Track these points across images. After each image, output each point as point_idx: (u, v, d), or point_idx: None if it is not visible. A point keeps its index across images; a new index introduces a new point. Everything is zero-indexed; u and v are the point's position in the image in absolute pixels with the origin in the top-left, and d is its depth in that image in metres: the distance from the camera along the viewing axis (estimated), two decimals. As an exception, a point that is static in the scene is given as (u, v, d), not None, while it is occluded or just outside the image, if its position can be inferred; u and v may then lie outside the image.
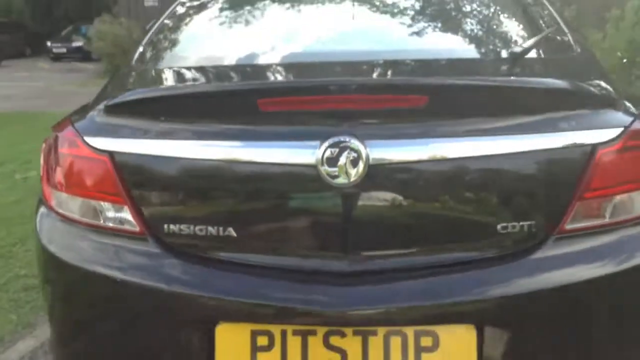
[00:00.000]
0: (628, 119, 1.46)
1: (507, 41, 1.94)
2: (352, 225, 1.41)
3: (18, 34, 27.04)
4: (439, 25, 2.07)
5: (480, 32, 2.02)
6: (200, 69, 1.81)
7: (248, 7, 2.22)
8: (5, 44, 24.57)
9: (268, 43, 1.94)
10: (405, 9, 2.17)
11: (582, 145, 1.41)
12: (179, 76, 1.83)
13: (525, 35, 1.97)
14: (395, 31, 1.99)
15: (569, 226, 1.42)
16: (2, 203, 4.93)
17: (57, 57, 24.71)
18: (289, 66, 1.80)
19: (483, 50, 1.90)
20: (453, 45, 1.90)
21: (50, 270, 1.64)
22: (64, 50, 24.85)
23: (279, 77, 1.76)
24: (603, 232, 1.45)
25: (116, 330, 1.54)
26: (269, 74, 1.77)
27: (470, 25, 2.07)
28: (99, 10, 21.35)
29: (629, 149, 1.43)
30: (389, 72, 1.69)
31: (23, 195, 5.15)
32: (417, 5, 2.21)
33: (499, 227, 1.40)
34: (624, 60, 9.49)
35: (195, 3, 2.31)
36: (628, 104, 1.53)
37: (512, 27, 2.09)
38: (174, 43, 2.10)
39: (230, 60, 1.85)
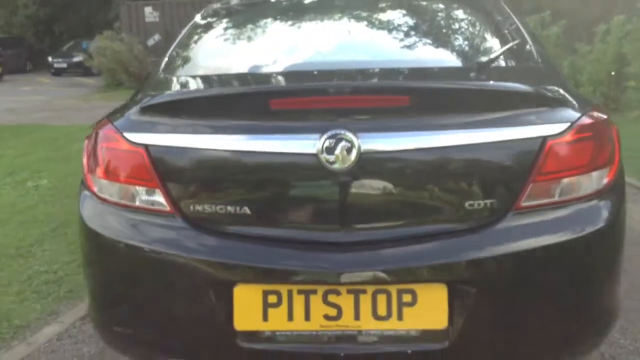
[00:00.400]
0: (575, 116, 1.75)
1: (478, 51, 2.25)
2: (347, 204, 1.69)
3: (19, 49, 27.41)
4: (419, 38, 2.39)
5: (455, 43, 2.35)
6: (218, 76, 2.12)
7: (258, 23, 2.55)
8: (7, 59, 24.89)
9: (276, 53, 2.25)
10: (391, 24, 2.50)
11: (535, 138, 1.69)
12: (201, 81, 2.13)
13: (494, 46, 2.28)
14: (382, 43, 2.31)
15: (524, 203, 1.71)
16: (18, 209, 5.17)
17: (58, 72, 25.08)
18: (294, 73, 2.09)
19: (457, 59, 2.22)
20: (431, 55, 2.22)
21: (92, 244, 1.92)
22: (64, 65, 25.20)
23: (287, 81, 2.06)
24: (553, 209, 1.73)
25: (148, 291, 1.83)
26: (278, 79, 2.07)
27: (446, 37, 2.40)
28: (100, 26, 21.70)
29: (574, 141, 1.73)
30: (377, 77, 1.99)
31: (36, 201, 5.39)
32: (400, 21, 2.54)
33: (466, 204, 1.69)
34: (612, 73, 9.78)
35: (210, 20, 2.62)
36: (577, 103, 1.84)
37: (483, 39, 2.39)
38: (195, 54, 2.39)
39: (243, 68, 2.15)
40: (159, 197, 1.78)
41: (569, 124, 1.72)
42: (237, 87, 2.02)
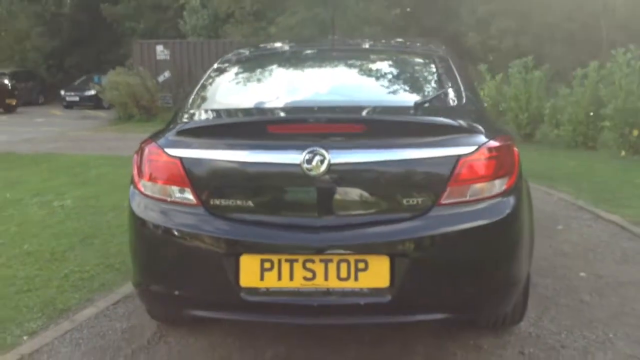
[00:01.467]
0: (482, 141, 2.49)
1: (418, 93, 3.06)
2: (320, 199, 2.44)
3: (32, 82, 28.35)
4: (376, 83, 3.23)
5: (402, 87, 3.16)
6: (230, 109, 2.92)
7: (261, 70, 3.41)
8: (21, 92, 25.84)
9: (272, 93, 3.07)
10: (356, 72, 3.37)
11: (452, 156, 2.44)
12: (218, 113, 2.91)
13: (431, 90, 3.06)
14: (348, 87, 3.13)
15: (444, 201, 2.44)
16: (47, 224, 5.86)
17: (70, 105, 25.93)
18: (285, 108, 2.89)
19: (401, 99, 3.01)
20: (383, 96, 3.03)
21: (138, 227, 2.64)
22: (77, 98, 26.08)
23: (280, 114, 2.84)
24: (465, 205, 2.46)
25: (176, 259, 2.55)
26: (274, 112, 2.85)
27: (396, 82, 3.20)
28: (110, 62, 22.67)
29: (480, 159, 2.46)
30: (342, 112, 2.75)
31: (63, 218, 6.08)
32: (363, 70, 3.39)
33: (404, 201, 2.43)
34: (591, 114, 10.51)
35: (225, 66, 3.39)
36: (486, 132, 2.57)
37: (424, 84, 3.17)
38: (213, 92, 3.14)
39: (249, 103, 2.94)
40: (188, 194, 2.52)
41: (476, 146, 2.46)
42: (243, 117, 2.82)
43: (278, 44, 4.07)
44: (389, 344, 3.09)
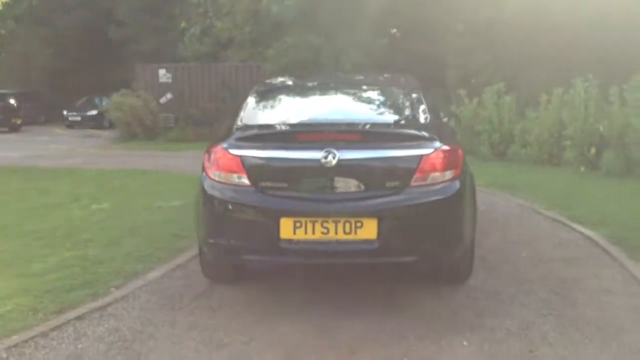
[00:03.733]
0: (438, 146, 3.79)
1: (397, 114, 4.42)
2: (332, 182, 3.71)
3: (35, 102, 29.39)
4: (369, 106, 4.61)
5: (385, 110, 4.51)
6: (271, 123, 4.25)
7: (286, 96, 4.83)
8: (24, 111, 26.95)
9: (298, 113, 4.42)
10: (355, 99, 4.76)
11: (417, 155, 3.73)
12: (262, 126, 4.20)
13: (406, 111, 4.42)
14: (350, 109, 4.50)
15: (413, 184, 3.73)
16: (93, 221, 6.96)
17: (71, 125, 27.05)
18: (308, 123, 4.21)
19: (385, 118, 4.37)
20: (374, 116, 4.39)
21: (208, 201, 3.90)
22: (79, 118, 27.23)
23: (305, 127, 4.14)
24: (426, 186, 3.74)
25: (235, 221, 3.83)
26: (301, 126, 4.16)
27: (382, 106, 4.56)
28: (112, 84, 23.76)
29: (436, 157, 3.76)
30: (346, 126, 4.04)
31: (105, 217, 7.22)
32: (359, 99, 4.77)
33: (386, 183, 3.72)
34: (555, 135, 11.85)
35: (263, 90, 4.80)
36: (442, 140, 3.87)
37: (402, 108, 4.51)
38: (256, 111, 4.45)
39: (284, 119, 4.26)
40: (245, 180, 3.80)
41: (434, 149, 3.78)
42: (281, 129, 4.12)
43: (294, 79, 5.57)
44: (377, 290, 4.39)
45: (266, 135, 4.05)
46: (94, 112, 27.03)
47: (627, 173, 9.48)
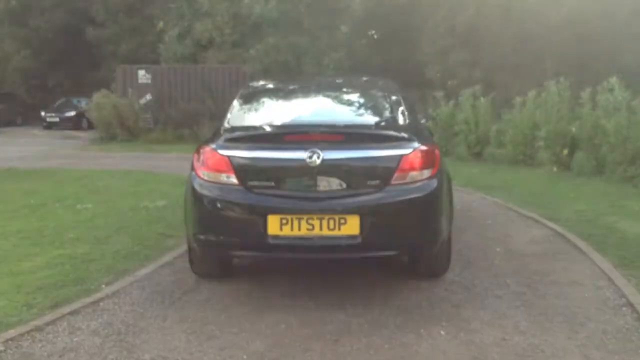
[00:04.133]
0: (417, 146, 4.01)
1: (377, 115, 4.65)
2: (317, 181, 3.91)
3: (11, 104, 29.02)
4: (351, 108, 4.82)
5: (367, 111, 4.73)
6: (258, 125, 4.41)
7: (274, 97, 5.03)
8: (1, 113, 26.67)
9: (284, 114, 4.62)
10: (338, 101, 4.95)
11: (398, 155, 3.95)
12: (249, 127, 4.37)
13: (386, 113, 4.63)
14: (332, 111, 4.69)
15: (393, 182, 3.94)
16: (79, 221, 7.05)
17: (49, 126, 26.79)
18: (294, 124, 4.40)
19: (366, 119, 4.58)
20: (355, 118, 4.59)
21: (197, 198, 4.07)
22: (57, 119, 26.97)
23: (291, 128, 4.32)
24: (405, 185, 3.96)
25: (223, 218, 4.01)
26: (287, 126, 4.34)
27: (363, 108, 4.78)
28: (89, 85, 23.67)
29: (415, 157, 3.97)
30: (330, 127, 4.22)
31: (91, 217, 7.31)
32: (342, 102, 4.97)
33: (368, 182, 3.93)
34: (529, 136, 12.17)
35: (248, 92, 4.98)
36: (420, 141, 4.10)
37: (382, 109, 4.73)
38: (243, 113, 4.63)
39: (271, 120, 4.43)
40: (233, 179, 3.98)
41: (412, 149, 4.00)
42: (269, 130, 4.30)
43: (278, 82, 5.74)
44: (360, 284, 4.60)
45: (253, 137, 4.24)
46: (72, 113, 26.83)
47: (598, 173, 9.82)
